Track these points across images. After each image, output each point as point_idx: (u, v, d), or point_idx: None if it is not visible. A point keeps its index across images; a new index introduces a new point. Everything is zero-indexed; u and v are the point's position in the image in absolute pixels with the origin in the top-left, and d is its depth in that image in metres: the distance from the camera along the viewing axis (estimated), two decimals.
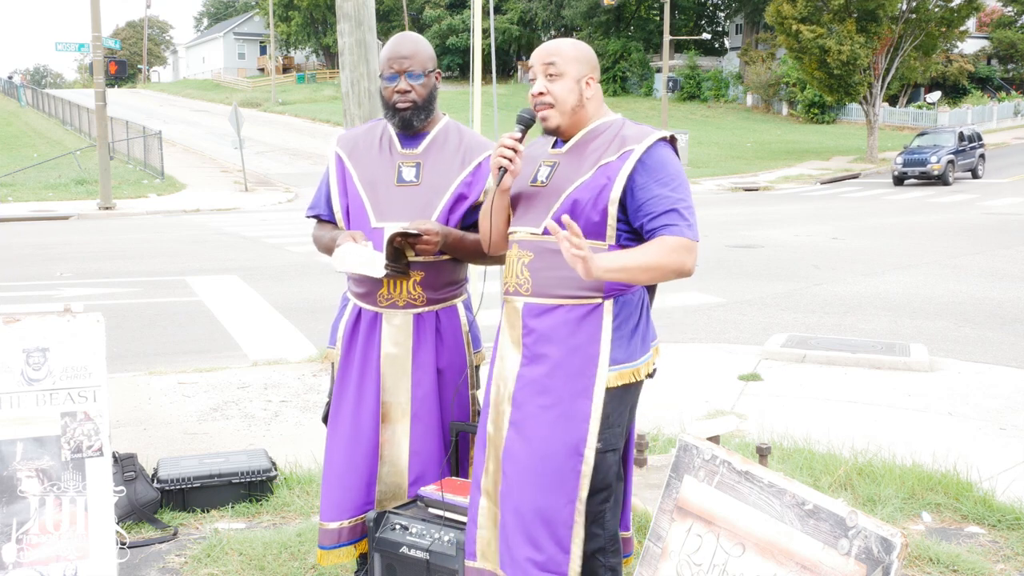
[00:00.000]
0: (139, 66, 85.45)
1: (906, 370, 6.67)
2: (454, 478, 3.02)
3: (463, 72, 57.20)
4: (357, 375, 3.03)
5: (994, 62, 54.23)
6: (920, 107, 47.89)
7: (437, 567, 2.78)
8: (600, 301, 2.55)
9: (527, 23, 62.20)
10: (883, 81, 35.81)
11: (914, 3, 34.72)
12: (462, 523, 2.79)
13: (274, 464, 4.34)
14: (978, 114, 46.35)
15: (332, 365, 3.15)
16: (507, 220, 2.74)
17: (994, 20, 52.69)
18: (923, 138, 30.44)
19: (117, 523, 3.29)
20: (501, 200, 2.71)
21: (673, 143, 2.63)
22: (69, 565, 3.06)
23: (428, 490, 2.93)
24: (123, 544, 3.57)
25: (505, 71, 62.48)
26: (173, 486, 4.06)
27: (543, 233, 2.55)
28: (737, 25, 63.12)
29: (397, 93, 2.97)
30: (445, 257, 2.98)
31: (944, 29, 35.64)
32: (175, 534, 3.85)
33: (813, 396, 6.05)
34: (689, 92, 56.80)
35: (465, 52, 54.03)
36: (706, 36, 58.24)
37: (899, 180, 28.32)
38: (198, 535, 3.85)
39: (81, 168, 29.26)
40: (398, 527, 2.89)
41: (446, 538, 2.80)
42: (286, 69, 75.72)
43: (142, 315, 9.36)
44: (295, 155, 37.31)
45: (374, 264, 2.78)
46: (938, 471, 4.33)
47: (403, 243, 2.86)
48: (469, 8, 14.37)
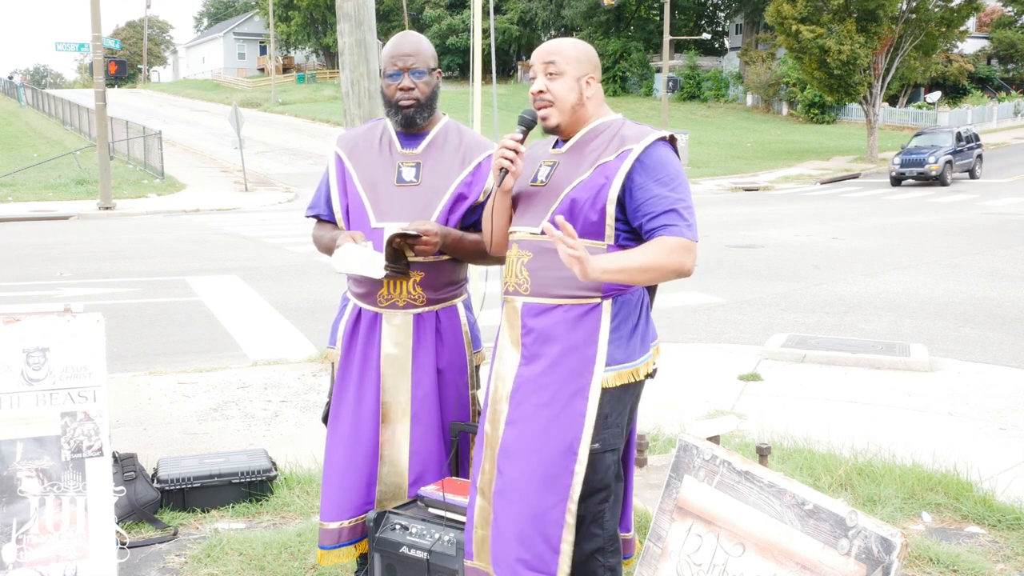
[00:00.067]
0: (139, 66, 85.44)
1: (906, 370, 6.67)
2: (454, 478, 3.02)
3: (463, 72, 57.18)
4: (357, 375, 3.03)
5: (994, 62, 54.24)
6: (920, 107, 47.88)
7: (437, 567, 2.78)
8: (599, 301, 2.54)
9: (527, 23, 62.21)
10: (883, 81, 35.82)
11: (914, 3, 34.72)
12: (462, 523, 2.79)
13: (274, 464, 4.34)
14: (978, 114, 46.32)
15: (332, 365, 3.15)
16: (509, 221, 2.74)
17: (994, 20, 52.70)
18: (920, 138, 30.14)
19: (117, 523, 3.29)
20: (503, 201, 2.72)
21: (673, 143, 2.63)
22: (69, 565, 3.06)
23: (428, 490, 2.93)
24: (123, 544, 3.57)
25: (505, 71, 62.47)
26: (173, 486, 4.06)
27: (541, 233, 2.56)
28: (737, 25, 63.12)
29: (400, 90, 2.96)
30: (445, 257, 2.98)
31: (944, 29, 35.65)
32: (175, 534, 3.85)
33: (813, 396, 6.06)
34: (689, 92, 56.81)
35: (465, 52, 54.01)
36: (706, 36, 58.22)
37: (896, 181, 27.95)
38: (198, 535, 3.85)
39: (81, 168, 29.26)
40: (398, 527, 2.89)
41: (446, 538, 2.80)
42: (286, 69, 75.73)
43: (142, 315, 9.36)
44: (295, 155, 37.31)
45: (374, 265, 2.78)
46: (938, 471, 4.33)
47: (402, 244, 2.86)
48: (469, 8, 14.37)
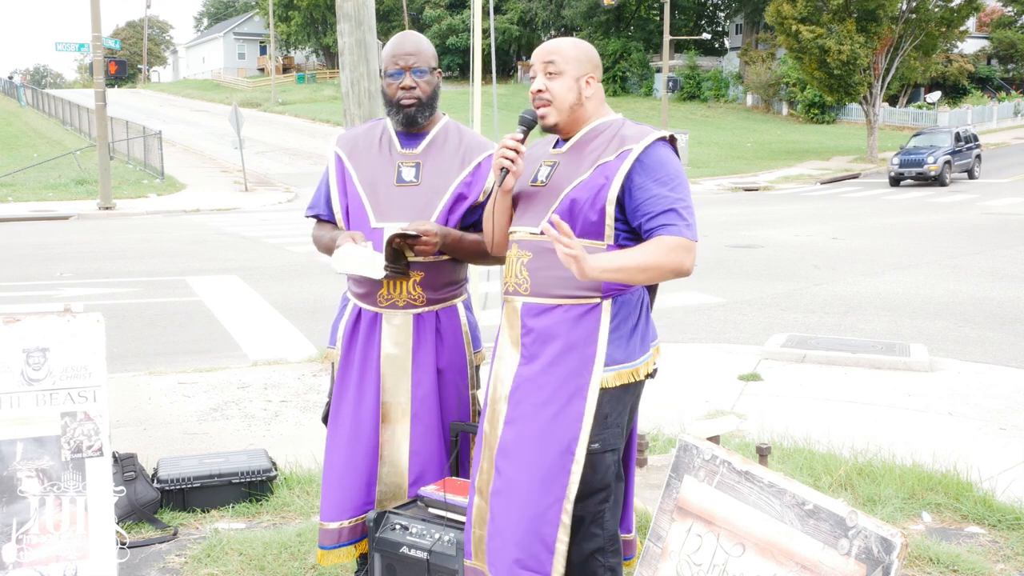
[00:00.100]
0: (139, 66, 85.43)
1: (906, 370, 6.67)
2: (455, 478, 3.02)
3: (463, 72, 57.18)
4: (357, 375, 3.03)
5: (994, 62, 54.24)
6: (920, 107, 47.87)
7: (437, 567, 2.78)
8: (598, 301, 2.54)
9: (527, 23, 62.20)
10: (883, 81, 35.81)
11: (914, 3, 34.72)
12: (462, 523, 2.79)
13: (274, 464, 4.34)
14: (978, 114, 46.31)
15: (332, 365, 3.15)
16: (509, 220, 2.74)
17: (994, 20, 52.71)
18: (919, 138, 30.05)
19: (117, 523, 3.29)
20: (503, 201, 2.71)
21: (673, 143, 2.63)
22: (69, 565, 3.06)
23: (428, 490, 2.93)
24: (123, 544, 3.57)
25: (505, 71, 62.47)
26: (173, 486, 4.06)
27: (541, 233, 2.55)
28: (737, 25, 63.12)
29: (402, 89, 2.96)
30: (445, 257, 2.98)
31: (944, 29, 35.64)
32: (175, 534, 3.85)
33: (813, 396, 6.05)
34: (689, 92, 56.80)
35: (465, 52, 54.00)
36: (706, 36, 58.22)
37: (895, 181, 27.86)
38: (198, 535, 3.85)
39: (81, 168, 29.26)
40: (398, 527, 2.89)
41: (446, 538, 2.80)
42: (286, 69, 75.72)
43: (142, 315, 9.36)
44: (295, 155, 37.31)
45: (374, 265, 2.78)
46: (938, 471, 4.33)
47: (402, 244, 2.86)
48: (469, 8, 14.37)
